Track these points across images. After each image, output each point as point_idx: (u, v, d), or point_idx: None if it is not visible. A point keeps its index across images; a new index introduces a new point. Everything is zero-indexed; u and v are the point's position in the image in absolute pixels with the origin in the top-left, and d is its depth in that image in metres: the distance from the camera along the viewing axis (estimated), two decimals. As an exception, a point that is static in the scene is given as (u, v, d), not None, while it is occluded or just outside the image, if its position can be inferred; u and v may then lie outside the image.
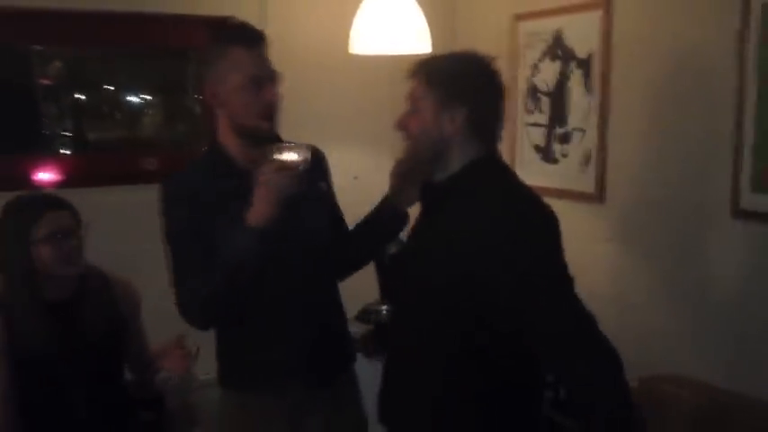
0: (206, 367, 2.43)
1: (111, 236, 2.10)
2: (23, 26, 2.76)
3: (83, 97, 3.31)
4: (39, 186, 2.67)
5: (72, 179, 2.78)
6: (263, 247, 1.68)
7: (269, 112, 1.79)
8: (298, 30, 3.05)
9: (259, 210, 1.66)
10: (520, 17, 2.97)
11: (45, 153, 2.97)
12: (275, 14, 2.94)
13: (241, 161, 1.82)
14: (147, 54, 3.30)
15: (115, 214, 2.59)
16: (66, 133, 3.25)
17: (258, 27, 2.83)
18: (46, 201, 1.93)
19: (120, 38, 2.99)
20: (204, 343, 2.41)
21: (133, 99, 3.58)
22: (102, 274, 2.03)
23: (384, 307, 2.82)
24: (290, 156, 1.68)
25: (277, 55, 1.91)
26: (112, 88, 3.46)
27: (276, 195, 1.66)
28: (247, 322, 1.83)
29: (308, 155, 1.69)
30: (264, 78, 1.78)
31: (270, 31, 2.72)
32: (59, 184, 2.73)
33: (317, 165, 1.83)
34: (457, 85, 1.60)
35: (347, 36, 2.86)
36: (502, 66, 1.67)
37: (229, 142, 1.82)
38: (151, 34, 3.01)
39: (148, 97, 3.57)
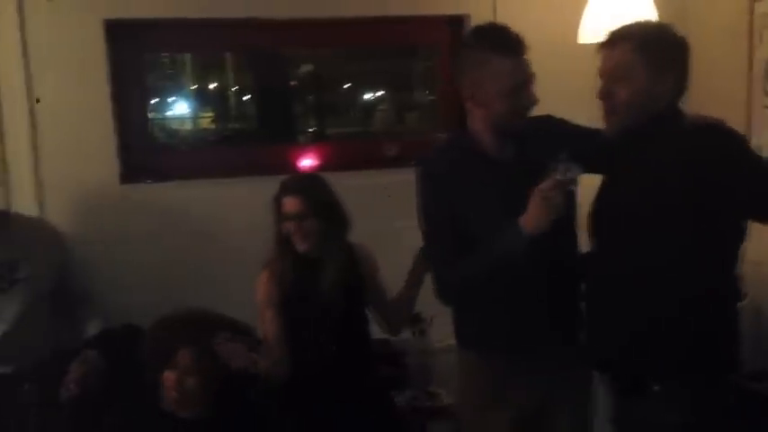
0: (439, 335, 2.69)
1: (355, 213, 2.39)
2: (278, 34, 3.12)
3: (324, 96, 3.69)
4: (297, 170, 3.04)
5: (321, 165, 3.11)
6: (527, 250, 1.81)
7: (525, 112, 1.90)
8: (528, 21, 3.13)
9: (534, 221, 1.78)
10: (756, -3, 2.86)
11: (297, 143, 3.35)
12: (506, 8, 3.04)
13: (491, 151, 1.94)
14: (380, 53, 3.59)
15: (359, 195, 2.86)
16: (310, 129, 3.65)
17: (489, 20, 2.98)
18: (284, 186, 2.27)
19: (358, 40, 3.26)
20: (436, 313, 2.66)
21: (367, 96, 3.92)
22: (347, 243, 2.35)
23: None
24: (566, 174, 1.78)
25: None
26: (348, 86, 3.81)
27: (552, 211, 1.77)
28: (493, 291, 1.95)
29: (579, 173, 1.80)
30: (523, 84, 1.87)
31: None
32: (314, 169, 3.07)
33: (558, 138, 1.91)
34: (668, 51, 1.77)
35: (576, 26, 2.93)
36: (736, 50, 1.75)
37: (482, 133, 1.94)
38: (385, 35, 3.24)
39: (381, 93, 3.88)
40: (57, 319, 2.53)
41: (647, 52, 1.75)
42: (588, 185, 1.96)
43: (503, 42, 1.87)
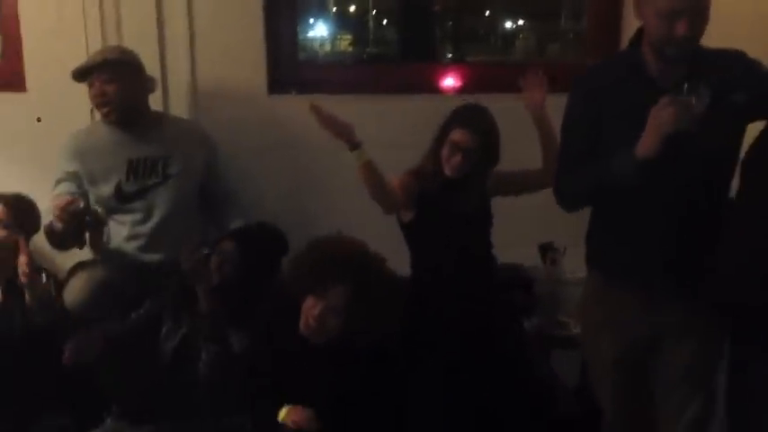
0: (571, 267, 2.66)
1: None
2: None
3: (465, 22, 3.62)
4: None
5: (462, 87, 3.05)
6: (637, 175, 1.76)
7: (678, 43, 1.77)
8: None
9: (644, 141, 1.74)
10: None
11: (439, 63, 3.31)
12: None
13: (656, 75, 1.86)
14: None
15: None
16: (449, 55, 3.60)
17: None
18: (458, 116, 2.31)
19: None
20: (570, 245, 2.63)
21: (509, 24, 3.81)
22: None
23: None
24: (691, 98, 1.69)
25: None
26: (491, 13, 3.72)
27: (659, 131, 1.71)
28: (624, 215, 1.93)
29: (705, 101, 1.68)
30: (680, 13, 1.75)
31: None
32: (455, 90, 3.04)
33: (738, 75, 1.80)
34: None
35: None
36: None
37: (647, 50, 1.87)
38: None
39: (523, 22, 3.77)
40: (203, 217, 2.69)
41: None
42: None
43: None
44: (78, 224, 2.36)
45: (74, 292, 2.41)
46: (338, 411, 1.99)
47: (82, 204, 2.35)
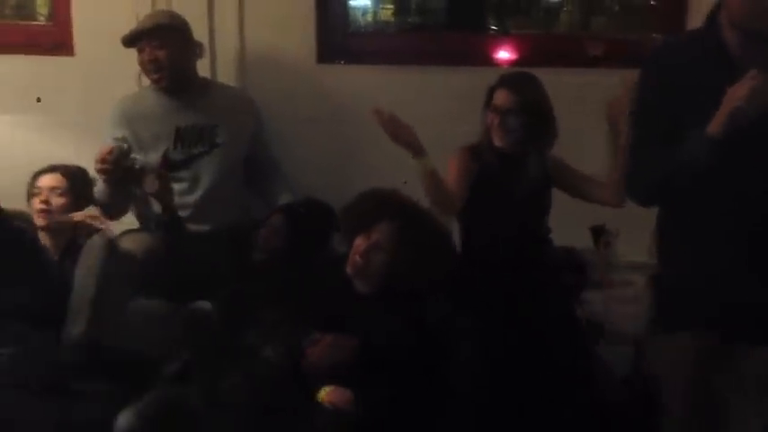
0: (623, 251, 2.58)
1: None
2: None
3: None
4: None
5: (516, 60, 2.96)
6: (711, 157, 1.64)
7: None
8: None
9: (717, 119, 1.62)
10: None
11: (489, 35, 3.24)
12: None
13: (735, 49, 1.72)
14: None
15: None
16: (493, 27, 3.50)
17: None
18: (501, 79, 2.26)
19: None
20: (622, 227, 2.55)
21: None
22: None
23: None
24: None
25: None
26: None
27: (731, 105, 1.60)
28: (694, 219, 1.80)
29: None
30: None
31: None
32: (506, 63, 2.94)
33: None
34: None
35: None
36: None
37: (726, 27, 1.73)
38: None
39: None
40: (249, 189, 2.66)
41: None
42: None
43: None
44: (124, 174, 2.33)
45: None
46: (380, 362, 1.96)
47: (126, 146, 2.34)
